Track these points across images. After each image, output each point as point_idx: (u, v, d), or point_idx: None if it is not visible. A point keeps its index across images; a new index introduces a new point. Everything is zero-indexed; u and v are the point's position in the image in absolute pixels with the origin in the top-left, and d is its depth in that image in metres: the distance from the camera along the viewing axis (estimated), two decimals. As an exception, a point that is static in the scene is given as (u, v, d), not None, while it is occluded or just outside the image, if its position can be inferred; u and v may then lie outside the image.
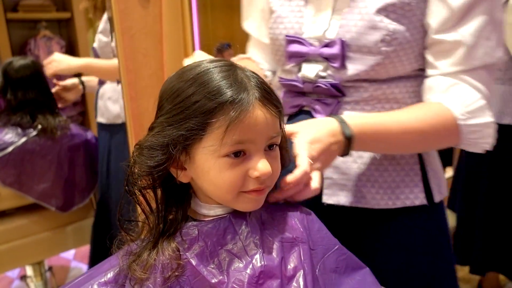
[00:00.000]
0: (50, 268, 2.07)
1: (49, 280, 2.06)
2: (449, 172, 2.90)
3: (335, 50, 0.80)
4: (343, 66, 0.80)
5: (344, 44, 0.79)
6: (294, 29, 0.86)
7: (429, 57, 0.79)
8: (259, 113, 0.56)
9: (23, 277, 2.27)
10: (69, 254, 2.62)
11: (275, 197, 0.65)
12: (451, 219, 2.11)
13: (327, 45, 0.81)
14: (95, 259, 1.86)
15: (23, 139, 1.72)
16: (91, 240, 1.93)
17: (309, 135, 0.68)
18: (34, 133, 1.75)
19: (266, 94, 0.58)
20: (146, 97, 1.58)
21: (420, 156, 0.85)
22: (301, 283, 0.56)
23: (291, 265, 0.58)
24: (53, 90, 1.84)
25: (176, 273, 0.56)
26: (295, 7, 0.87)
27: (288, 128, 0.70)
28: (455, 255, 2.09)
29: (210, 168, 0.58)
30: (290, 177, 0.62)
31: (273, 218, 0.63)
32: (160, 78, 1.55)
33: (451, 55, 0.76)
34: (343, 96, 0.83)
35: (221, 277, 0.56)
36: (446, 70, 0.77)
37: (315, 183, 0.65)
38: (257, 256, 0.57)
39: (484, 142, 0.77)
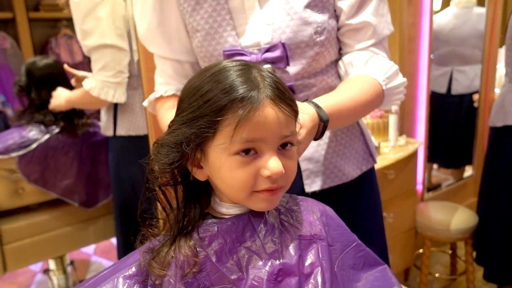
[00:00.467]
0: (71, 262, 2.12)
1: (70, 274, 2.10)
2: (468, 171, 2.86)
3: (278, 53, 0.84)
4: (288, 65, 0.86)
5: (285, 46, 0.84)
6: (228, 42, 0.87)
7: (344, 38, 0.91)
8: (270, 111, 0.56)
9: (46, 271, 2.33)
10: (90, 248, 2.67)
11: None
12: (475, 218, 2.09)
13: (268, 50, 0.85)
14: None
15: (47, 136, 1.76)
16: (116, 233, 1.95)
17: None
18: (57, 130, 1.79)
19: (280, 93, 0.58)
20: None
21: (358, 125, 1.00)
22: (319, 280, 0.56)
23: (308, 262, 0.58)
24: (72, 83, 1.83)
25: (195, 269, 0.57)
26: (222, 22, 0.87)
27: None
28: (476, 250, 2.07)
29: (221, 166, 0.58)
30: None
31: (292, 216, 0.63)
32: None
33: (362, 34, 0.90)
34: (295, 94, 0.89)
35: (240, 273, 0.57)
36: (360, 46, 0.90)
37: None
38: (276, 254, 0.58)
39: (398, 99, 0.93)
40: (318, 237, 0.60)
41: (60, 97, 1.75)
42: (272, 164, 0.56)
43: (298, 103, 0.68)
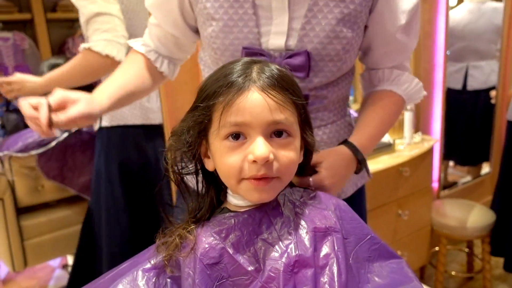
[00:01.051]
0: (89, 258, 2.15)
1: (88, 269, 2.13)
2: (486, 168, 2.83)
3: (300, 61, 0.79)
4: (307, 76, 0.81)
5: (310, 55, 0.79)
6: (248, 39, 0.80)
7: (374, 57, 0.90)
8: (255, 96, 0.57)
9: (65, 266, 2.37)
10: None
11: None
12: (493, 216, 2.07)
13: (290, 56, 0.80)
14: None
15: (65, 134, 1.80)
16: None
17: (329, 169, 0.76)
18: (75, 128, 1.83)
19: (273, 82, 0.58)
20: (182, 93, 1.62)
21: None
22: (335, 271, 0.57)
23: (323, 254, 0.59)
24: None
25: (213, 261, 0.58)
26: (243, 15, 0.79)
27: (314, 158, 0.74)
28: (491, 245, 2.05)
29: (215, 152, 0.60)
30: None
31: (307, 209, 0.64)
32: (195, 74, 1.58)
33: (394, 55, 0.89)
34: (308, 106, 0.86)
35: (257, 265, 0.58)
36: (390, 65, 0.91)
37: None
38: (292, 246, 0.58)
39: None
40: (333, 229, 0.61)
41: (29, 84, 1.54)
42: (257, 148, 0.56)
43: (336, 148, 0.79)
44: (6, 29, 2.54)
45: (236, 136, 0.58)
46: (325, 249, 0.59)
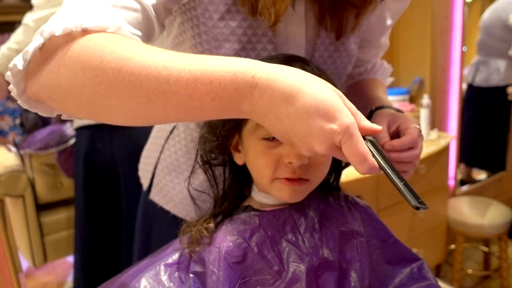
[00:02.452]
0: (107, 254, 2.18)
1: (106, 265, 2.16)
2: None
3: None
4: None
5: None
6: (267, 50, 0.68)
7: (359, 54, 0.89)
8: None
9: (82, 262, 2.41)
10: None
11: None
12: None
13: None
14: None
15: (83, 133, 1.82)
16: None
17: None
18: None
19: None
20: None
21: None
22: (358, 275, 0.57)
23: (348, 257, 0.59)
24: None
25: (237, 260, 0.59)
26: (262, 38, 0.67)
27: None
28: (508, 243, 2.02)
29: (249, 150, 0.61)
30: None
31: (331, 211, 0.64)
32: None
33: (376, 52, 0.92)
34: None
35: (281, 266, 0.58)
36: (372, 61, 0.92)
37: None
38: (316, 248, 0.59)
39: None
40: (357, 233, 0.61)
41: None
42: (294, 151, 0.56)
43: (408, 117, 0.67)
44: (24, 29, 2.58)
45: (273, 137, 0.58)
46: (349, 253, 0.59)
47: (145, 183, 0.94)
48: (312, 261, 0.58)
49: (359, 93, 0.88)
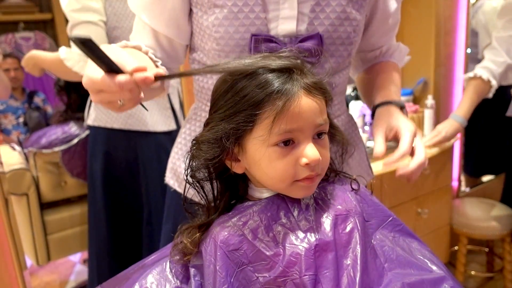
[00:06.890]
0: (109, 253, 2.19)
1: (108, 264, 2.17)
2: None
3: (313, 43, 0.77)
4: (319, 60, 0.79)
5: (322, 38, 0.77)
6: (255, 25, 0.76)
7: (371, 38, 0.94)
8: (305, 100, 0.58)
9: (85, 261, 2.41)
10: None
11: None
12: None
13: (301, 40, 0.77)
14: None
15: (87, 132, 1.83)
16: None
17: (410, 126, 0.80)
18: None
19: (312, 83, 0.59)
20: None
21: (362, 143, 1.02)
22: (358, 253, 0.58)
23: (345, 237, 0.59)
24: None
25: (233, 248, 0.60)
26: (249, 1, 0.74)
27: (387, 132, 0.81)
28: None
29: (261, 158, 0.60)
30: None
31: (326, 193, 0.65)
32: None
33: (389, 36, 0.98)
34: None
35: (276, 249, 0.59)
36: (386, 45, 0.98)
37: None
38: (311, 231, 0.59)
39: None
40: (354, 212, 0.62)
41: (34, 58, 1.59)
42: (310, 151, 0.58)
43: (387, 111, 0.83)
44: (28, 29, 2.59)
45: (286, 142, 0.59)
46: (347, 231, 0.60)
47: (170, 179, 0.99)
48: (309, 243, 0.58)
49: (371, 81, 0.95)
